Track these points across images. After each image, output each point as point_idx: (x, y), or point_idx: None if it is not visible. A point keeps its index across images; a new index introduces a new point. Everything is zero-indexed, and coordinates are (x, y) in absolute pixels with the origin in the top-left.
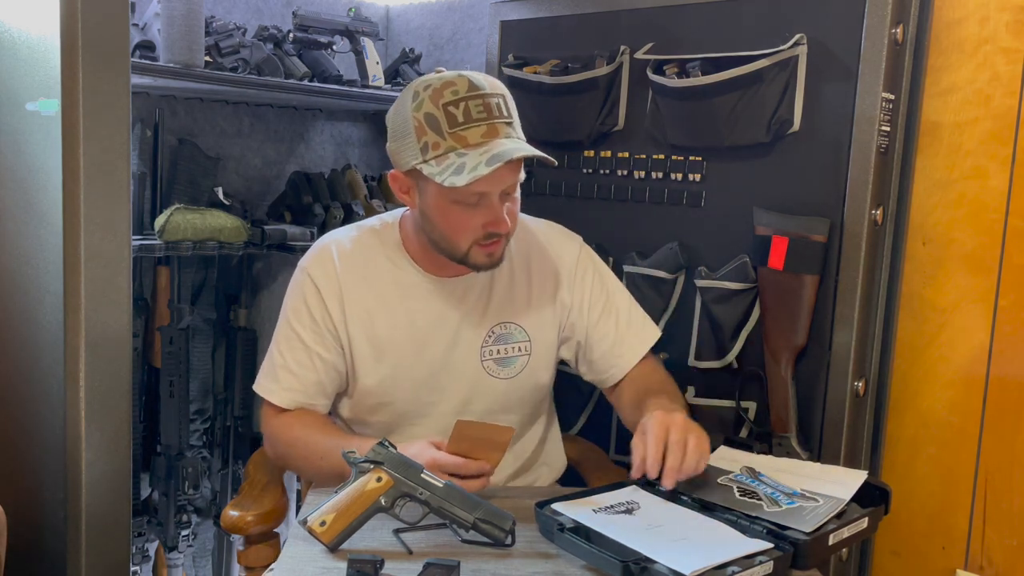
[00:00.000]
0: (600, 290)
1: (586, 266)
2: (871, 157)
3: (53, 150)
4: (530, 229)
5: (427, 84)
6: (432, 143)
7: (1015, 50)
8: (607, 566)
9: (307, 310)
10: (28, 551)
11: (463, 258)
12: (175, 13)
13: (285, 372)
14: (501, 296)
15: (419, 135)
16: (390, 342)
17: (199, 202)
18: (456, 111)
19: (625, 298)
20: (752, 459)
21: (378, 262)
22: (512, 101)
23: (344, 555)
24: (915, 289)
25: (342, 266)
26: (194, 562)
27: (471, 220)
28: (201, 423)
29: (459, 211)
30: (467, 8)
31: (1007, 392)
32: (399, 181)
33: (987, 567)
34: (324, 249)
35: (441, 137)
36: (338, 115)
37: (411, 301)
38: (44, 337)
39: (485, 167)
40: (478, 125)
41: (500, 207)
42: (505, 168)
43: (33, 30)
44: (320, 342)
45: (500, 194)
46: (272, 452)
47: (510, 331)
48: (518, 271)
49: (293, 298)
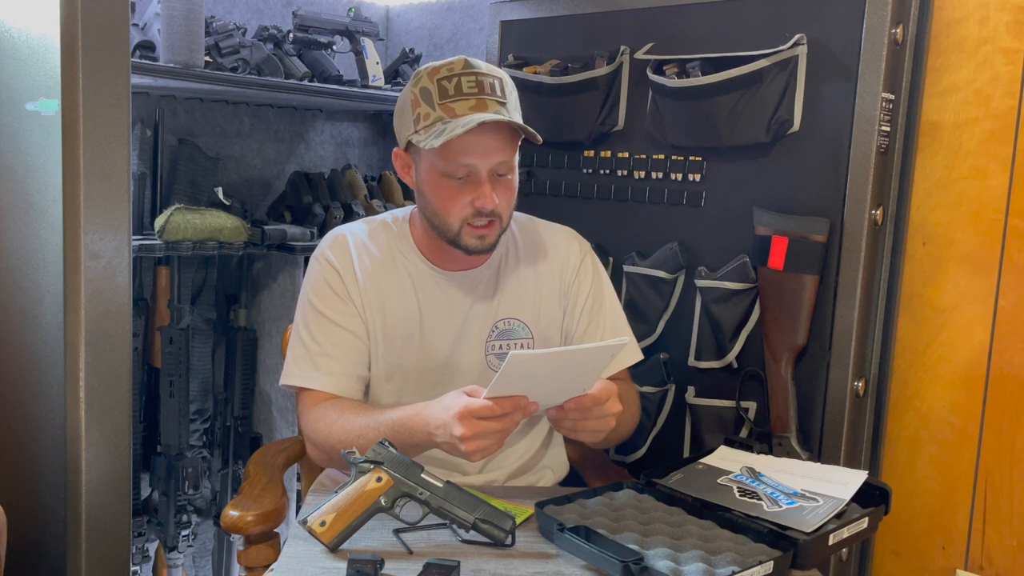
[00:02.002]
0: (593, 300)
1: (587, 272)
2: (871, 157)
3: (53, 150)
4: (540, 229)
5: (429, 65)
6: (424, 114)
7: (1015, 50)
8: (607, 566)
9: (330, 290)
10: (28, 551)
11: (455, 239)
12: (175, 13)
13: (323, 358)
14: (507, 292)
15: (413, 108)
16: (399, 332)
17: (199, 202)
18: (448, 85)
19: (615, 315)
20: (752, 459)
21: (390, 254)
22: (512, 86)
23: (344, 555)
24: (915, 289)
25: (357, 254)
26: (194, 562)
27: (459, 196)
28: (201, 423)
29: (448, 185)
30: (467, 8)
31: (1007, 392)
32: (400, 158)
33: (987, 567)
34: (340, 237)
35: (431, 108)
36: (338, 115)
37: (420, 293)
38: (44, 337)
39: (460, 129)
40: (467, 99)
41: (488, 184)
42: (493, 142)
43: (33, 30)
44: (349, 320)
45: (491, 174)
46: (315, 445)
47: (513, 327)
48: (525, 268)
49: (313, 283)
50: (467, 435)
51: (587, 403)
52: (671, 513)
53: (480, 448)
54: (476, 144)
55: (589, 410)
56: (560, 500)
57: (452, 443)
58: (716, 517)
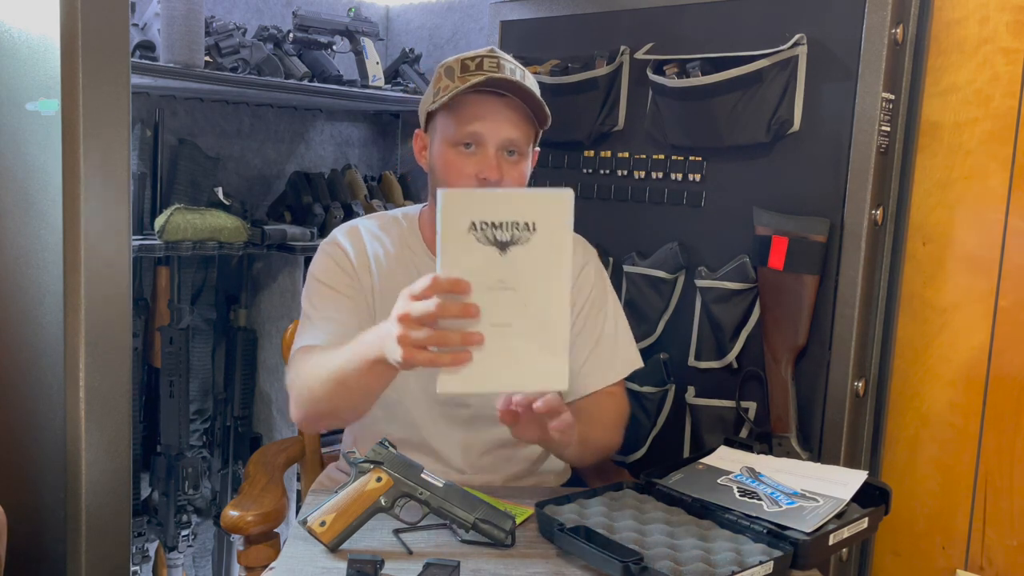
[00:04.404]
0: (592, 306)
1: (588, 277)
2: (871, 157)
3: (53, 150)
4: None
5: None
6: (443, 87)
7: (1015, 50)
8: (607, 566)
9: (338, 267)
10: (28, 551)
11: None
12: (175, 13)
13: (322, 320)
14: None
15: (435, 84)
16: None
17: (199, 202)
18: (471, 63)
19: (613, 324)
20: (752, 459)
21: (399, 248)
22: (533, 80)
23: (344, 555)
24: (915, 289)
25: (370, 243)
26: (194, 562)
27: (465, 167)
28: (201, 423)
29: (455, 156)
30: (467, 8)
31: (1007, 392)
32: (419, 140)
33: (987, 567)
34: (354, 228)
35: (451, 80)
36: (338, 115)
37: None
38: (44, 337)
39: (472, 82)
40: (484, 74)
41: (494, 157)
42: (504, 115)
43: (33, 30)
44: (353, 292)
45: (499, 149)
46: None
47: None
48: None
49: (320, 265)
50: (400, 312)
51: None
52: (671, 513)
53: (407, 333)
54: (487, 113)
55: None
56: (560, 500)
57: (390, 330)
58: (716, 517)
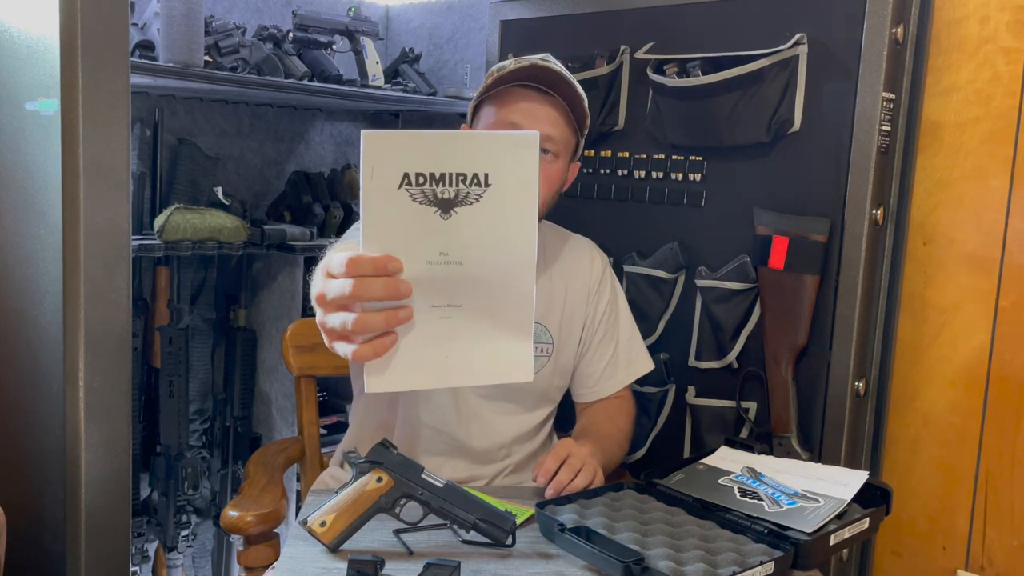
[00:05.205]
0: (610, 313)
1: (607, 285)
2: (871, 157)
3: (53, 150)
4: (565, 237)
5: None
6: (492, 81)
7: (1015, 50)
8: (607, 566)
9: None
10: (28, 551)
11: None
12: (175, 13)
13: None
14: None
15: (486, 80)
16: None
17: (199, 202)
18: (523, 60)
19: (628, 328)
20: (753, 459)
21: None
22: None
23: (344, 555)
24: (915, 289)
25: None
26: (194, 562)
27: None
28: (201, 423)
29: None
30: (467, 8)
31: (1008, 392)
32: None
33: (988, 567)
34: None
35: (500, 74)
36: (338, 115)
37: None
38: (44, 337)
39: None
40: (530, 61)
41: None
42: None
43: (33, 30)
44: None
45: None
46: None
47: (536, 331)
48: (555, 275)
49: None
50: (316, 292)
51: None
52: (672, 513)
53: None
54: (525, 106)
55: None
56: (560, 500)
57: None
58: (717, 518)
